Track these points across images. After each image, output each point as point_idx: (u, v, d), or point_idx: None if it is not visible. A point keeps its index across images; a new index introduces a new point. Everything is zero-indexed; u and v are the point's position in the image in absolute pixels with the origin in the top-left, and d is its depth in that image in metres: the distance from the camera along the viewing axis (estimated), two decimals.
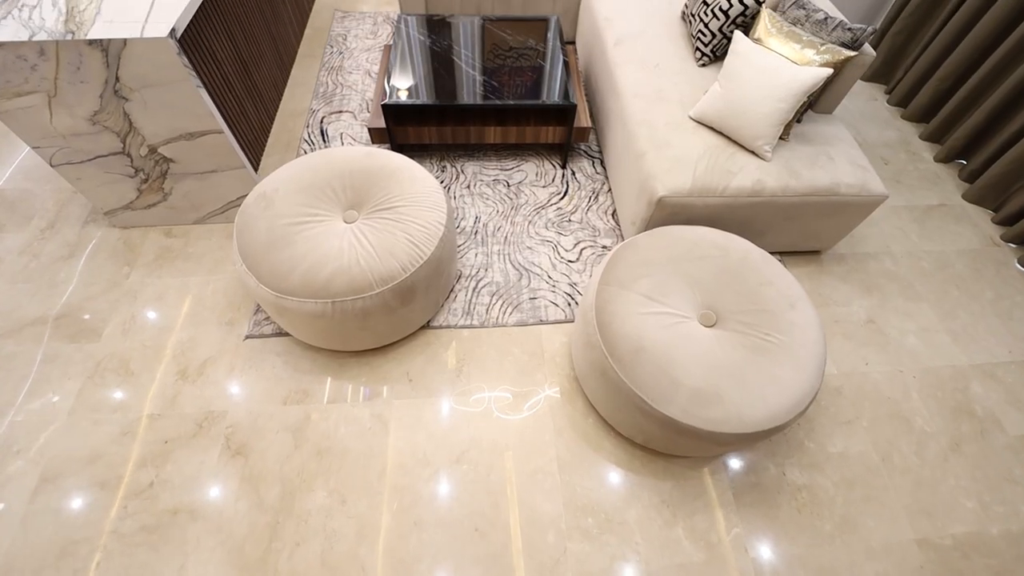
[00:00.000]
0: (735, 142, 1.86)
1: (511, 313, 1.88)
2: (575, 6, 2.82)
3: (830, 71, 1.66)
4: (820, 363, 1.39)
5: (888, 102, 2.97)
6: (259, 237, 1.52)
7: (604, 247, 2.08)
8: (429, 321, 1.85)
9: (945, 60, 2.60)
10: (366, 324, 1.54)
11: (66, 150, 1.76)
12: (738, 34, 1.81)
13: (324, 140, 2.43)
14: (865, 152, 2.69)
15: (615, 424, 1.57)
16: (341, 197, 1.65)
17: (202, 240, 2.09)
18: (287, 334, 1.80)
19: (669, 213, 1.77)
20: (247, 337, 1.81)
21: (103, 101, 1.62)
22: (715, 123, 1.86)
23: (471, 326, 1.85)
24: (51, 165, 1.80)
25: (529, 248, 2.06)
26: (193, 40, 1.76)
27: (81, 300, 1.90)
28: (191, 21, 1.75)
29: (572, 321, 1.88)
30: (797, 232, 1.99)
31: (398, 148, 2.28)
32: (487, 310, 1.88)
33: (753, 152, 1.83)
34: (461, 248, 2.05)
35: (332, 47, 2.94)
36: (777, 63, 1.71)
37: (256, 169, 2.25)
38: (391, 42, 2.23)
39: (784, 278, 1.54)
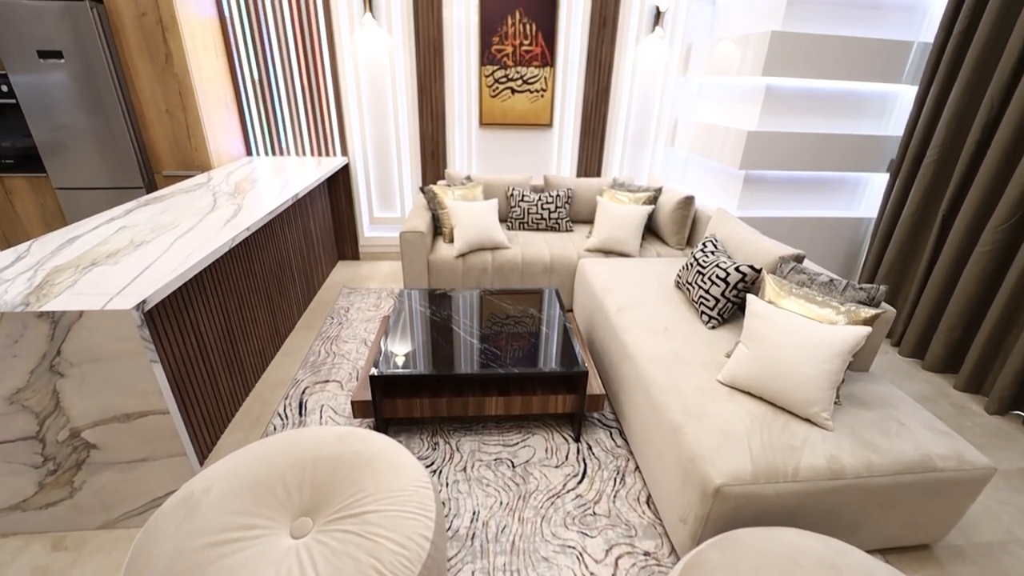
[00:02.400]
0: (783, 409, 1.57)
1: None
2: (570, 280, 2.98)
3: (869, 329, 1.51)
4: None
5: (900, 354, 2.88)
6: (156, 568, 1.03)
7: (647, 554, 1.53)
8: None
9: (945, 309, 2.60)
10: None
11: None
12: (752, 297, 1.75)
13: (301, 414, 2.12)
14: None
15: None
16: (295, 499, 1.22)
17: (98, 555, 1.53)
18: None
19: (733, 507, 1.33)
20: None
21: (32, 377, 1.36)
22: (752, 388, 1.61)
23: None
24: None
25: (545, 559, 1.50)
26: (174, 311, 1.64)
27: None
28: (179, 291, 1.67)
29: None
30: (897, 522, 1.51)
31: (384, 424, 1.96)
32: None
33: (809, 420, 1.53)
34: (452, 564, 1.48)
35: (333, 318, 2.95)
36: (806, 324, 1.57)
37: (205, 454, 1.85)
38: (391, 313, 2.22)
39: None
